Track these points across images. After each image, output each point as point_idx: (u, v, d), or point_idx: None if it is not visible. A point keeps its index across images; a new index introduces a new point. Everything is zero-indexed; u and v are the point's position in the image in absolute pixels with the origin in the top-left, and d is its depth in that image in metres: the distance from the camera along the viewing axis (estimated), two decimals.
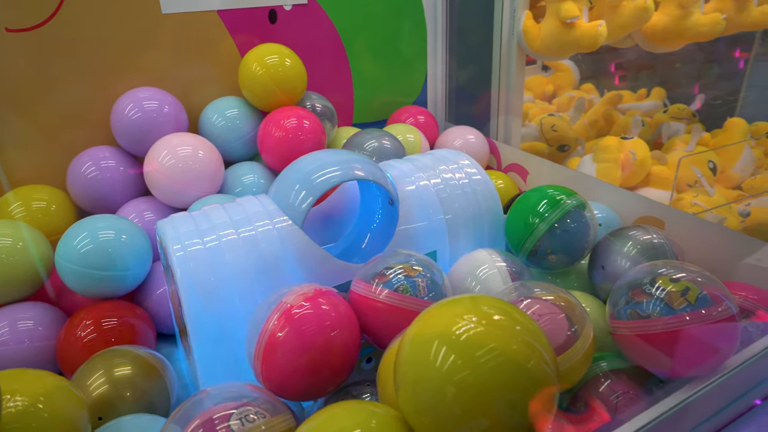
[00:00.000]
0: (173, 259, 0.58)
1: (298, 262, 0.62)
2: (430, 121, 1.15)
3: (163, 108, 0.88)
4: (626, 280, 0.56)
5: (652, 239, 0.66)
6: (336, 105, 1.09)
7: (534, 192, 0.71)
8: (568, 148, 1.39)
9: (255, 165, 0.94)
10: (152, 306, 0.76)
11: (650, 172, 1.22)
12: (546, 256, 0.69)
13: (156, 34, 0.92)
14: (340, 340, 0.52)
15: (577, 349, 0.51)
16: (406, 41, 1.19)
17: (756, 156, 1.23)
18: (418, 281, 0.57)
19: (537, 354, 0.37)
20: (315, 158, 0.68)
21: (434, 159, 0.78)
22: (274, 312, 0.52)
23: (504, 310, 0.39)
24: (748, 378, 0.52)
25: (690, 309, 0.50)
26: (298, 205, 0.64)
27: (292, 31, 1.05)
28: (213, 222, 0.62)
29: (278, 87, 0.93)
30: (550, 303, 0.54)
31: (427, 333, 0.38)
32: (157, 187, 0.84)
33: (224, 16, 0.98)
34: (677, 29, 1.12)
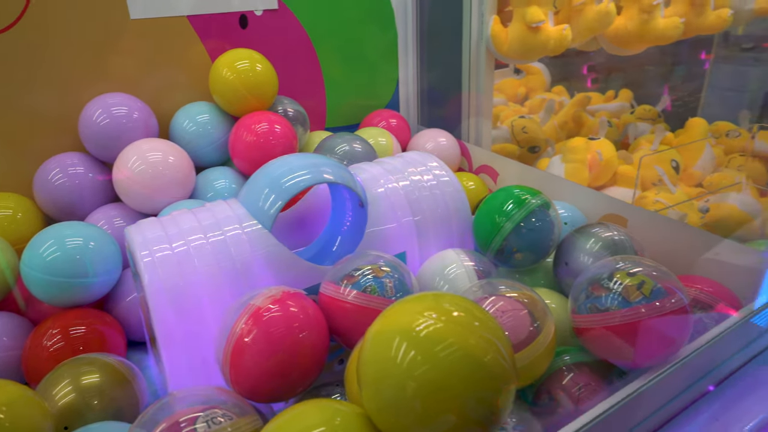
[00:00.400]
0: (141, 264, 0.58)
1: (267, 266, 0.63)
2: (402, 125, 1.17)
3: (133, 114, 0.88)
4: (586, 275, 0.58)
5: (613, 236, 0.68)
6: (308, 109, 1.10)
7: (500, 192, 0.73)
8: (538, 149, 1.42)
9: (226, 170, 0.94)
10: (122, 313, 0.75)
11: (617, 171, 1.25)
12: (512, 254, 0.70)
13: (124, 39, 0.92)
14: (308, 341, 0.53)
15: (539, 344, 0.53)
16: (377, 46, 1.21)
17: (716, 154, 1.28)
18: (386, 282, 0.58)
19: (494, 348, 0.38)
20: (284, 162, 0.68)
21: (403, 162, 0.79)
22: (242, 315, 0.52)
23: (464, 307, 0.40)
24: (701, 365, 0.54)
25: (645, 301, 0.52)
26: (267, 209, 0.64)
27: (264, 36, 1.05)
28: (181, 227, 0.62)
29: (249, 92, 0.93)
30: (513, 300, 0.55)
31: (389, 330, 0.39)
32: (127, 194, 0.84)
33: (194, 22, 0.98)
34: (639, 32, 1.16)
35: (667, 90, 1.90)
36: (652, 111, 1.63)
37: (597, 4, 1.12)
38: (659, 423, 0.52)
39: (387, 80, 1.25)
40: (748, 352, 0.59)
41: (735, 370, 0.58)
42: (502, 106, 1.84)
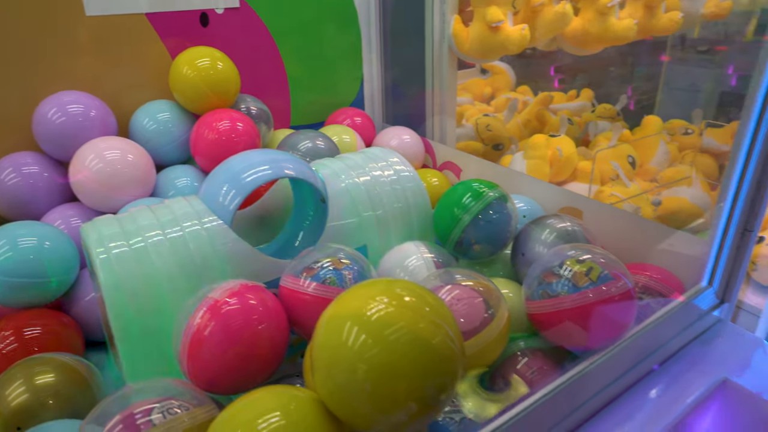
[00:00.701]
0: (96, 261, 0.57)
1: (228, 261, 0.63)
2: (366, 123, 1.18)
3: (89, 112, 0.86)
4: (539, 264, 0.60)
5: (567, 227, 0.71)
6: (272, 108, 1.10)
7: (459, 186, 0.75)
8: (502, 146, 1.45)
9: (188, 168, 0.94)
10: (81, 313, 0.74)
11: (577, 167, 1.29)
12: (471, 246, 0.72)
13: (80, 36, 0.90)
14: (267, 333, 0.54)
15: (493, 329, 0.54)
16: (340, 44, 1.21)
17: (670, 151, 1.33)
18: (345, 273, 0.59)
19: (443, 332, 0.39)
20: (244, 158, 0.68)
21: (365, 157, 0.80)
22: (199, 308, 0.52)
23: (416, 293, 0.42)
24: (646, 346, 0.57)
25: (592, 286, 0.54)
26: (227, 204, 0.64)
27: (225, 34, 1.05)
28: (139, 223, 0.62)
29: (210, 90, 0.93)
30: (469, 288, 0.57)
31: (341, 314, 0.40)
32: (85, 193, 0.82)
33: (153, 19, 0.97)
34: (595, 33, 1.20)
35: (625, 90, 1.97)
36: (612, 110, 1.68)
37: (555, 5, 1.15)
38: (607, 400, 0.55)
39: (351, 78, 1.26)
40: (691, 332, 0.62)
41: (678, 350, 0.61)
42: (468, 105, 1.87)
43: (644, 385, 0.56)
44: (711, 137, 1.31)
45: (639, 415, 0.52)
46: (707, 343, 0.62)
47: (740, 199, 0.60)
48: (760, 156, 0.59)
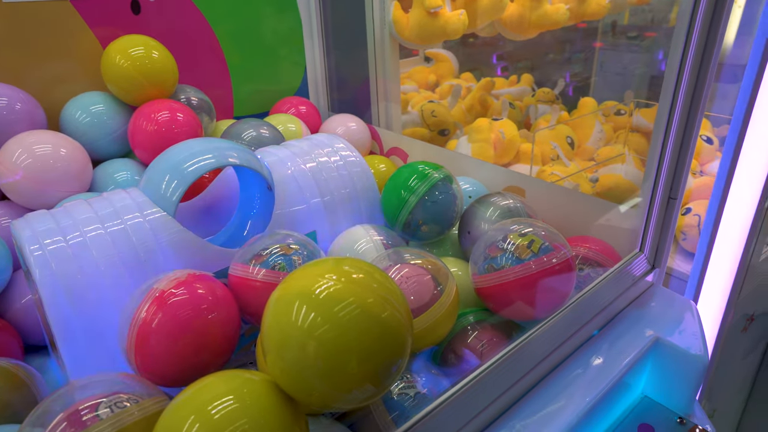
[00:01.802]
0: (30, 259, 0.55)
1: (173, 253, 0.61)
2: (311, 111, 1.17)
3: (14, 105, 0.81)
4: (484, 239, 0.62)
5: (509, 204, 0.73)
6: (214, 98, 1.07)
7: (404, 168, 0.76)
8: (447, 132, 1.48)
9: (127, 161, 0.90)
10: (17, 317, 0.70)
11: (519, 149, 1.33)
12: (419, 227, 0.73)
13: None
14: (217, 322, 0.53)
15: (442, 304, 0.56)
16: (281, 33, 1.20)
17: (605, 131, 1.39)
18: (295, 259, 0.59)
19: (391, 305, 0.40)
20: (186, 147, 0.67)
21: (310, 144, 0.80)
22: (145, 300, 0.51)
23: (363, 269, 0.42)
24: (585, 311, 0.60)
25: (534, 257, 0.57)
26: (170, 195, 0.63)
27: (159, 22, 1.01)
28: (75, 218, 0.59)
29: (146, 80, 0.89)
30: (417, 266, 0.58)
31: (289, 294, 0.40)
32: (14, 191, 0.78)
33: (79, 7, 0.92)
34: (529, 18, 1.24)
35: (568, 76, 2.05)
36: (550, 93, 1.74)
37: None
38: (552, 366, 0.58)
39: (294, 67, 1.25)
40: (626, 297, 0.66)
41: (615, 315, 0.65)
42: (413, 93, 1.89)
43: (586, 349, 0.59)
44: (641, 116, 1.39)
45: (582, 378, 0.55)
46: (641, 307, 0.66)
47: (663, 170, 0.64)
48: (678, 130, 0.63)
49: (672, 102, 0.62)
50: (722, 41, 0.62)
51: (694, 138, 0.64)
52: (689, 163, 0.64)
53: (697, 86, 0.62)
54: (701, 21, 0.59)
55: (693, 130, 0.63)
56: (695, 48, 0.60)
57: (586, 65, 2.09)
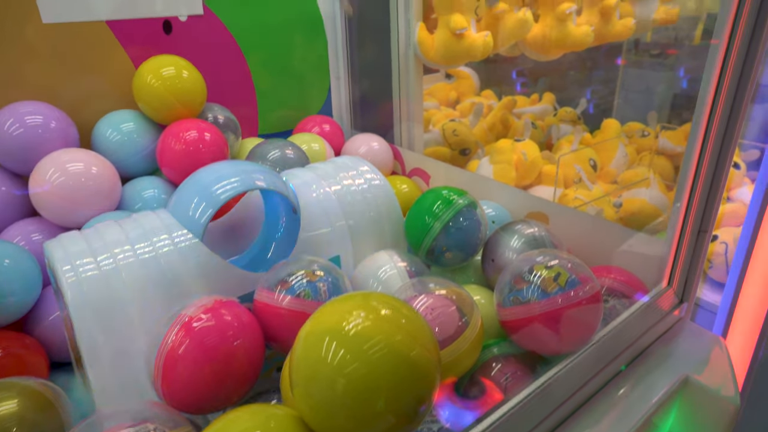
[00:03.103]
0: (63, 281, 0.56)
1: (200, 276, 0.62)
2: (335, 130, 1.18)
3: (50, 123, 0.83)
4: (509, 270, 0.62)
5: (534, 233, 0.73)
6: (240, 116, 1.08)
7: (429, 194, 0.76)
8: (468, 151, 1.47)
9: (155, 179, 0.92)
10: (44, 333, 0.72)
11: (541, 170, 1.32)
12: (443, 253, 0.73)
13: (37, 44, 0.87)
14: (243, 349, 0.53)
15: (467, 337, 0.56)
16: (307, 52, 1.21)
17: (629, 153, 1.38)
18: (320, 285, 0.59)
19: (420, 343, 0.40)
20: (214, 170, 0.68)
21: (335, 167, 0.80)
22: (173, 326, 0.52)
23: (391, 305, 0.42)
24: (612, 347, 0.59)
25: (561, 291, 0.56)
26: (198, 217, 0.64)
27: (190, 42, 1.03)
28: (106, 240, 0.60)
29: (176, 99, 0.91)
30: (442, 297, 0.58)
31: (319, 330, 0.40)
32: (46, 207, 0.80)
33: (114, 27, 0.94)
34: (554, 39, 1.23)
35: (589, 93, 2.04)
36: (572, 113, 1.74)
37: (516, 12, 1.18)
38: (578, 403, 0.57)
39: (319, 86, 1.26)
40: (654, 332, 0.65)
41: (643, 350, 0.63)
42: (434, 110, 1.90)
43: (613, 386, 0.58)
44: (666, 138, 1.37)
45: (608, 417, 0.54)
46: (669, 343, 0.65)
47: (694, 202, 0.63)
48: (711, 160, 0.62)
49: (707, 127, 0.60)
50: (763, 59, 0.60)
51: (727, 167, 0.63)
52: (721, 195, 0.63)
53: (733, 109, 0.60)
54: (741, 36, 0.56)
55: (726, 159, 0.62)
56: (733, 66, 0.58)
57: (608, 84, 2.07)
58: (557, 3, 1.22)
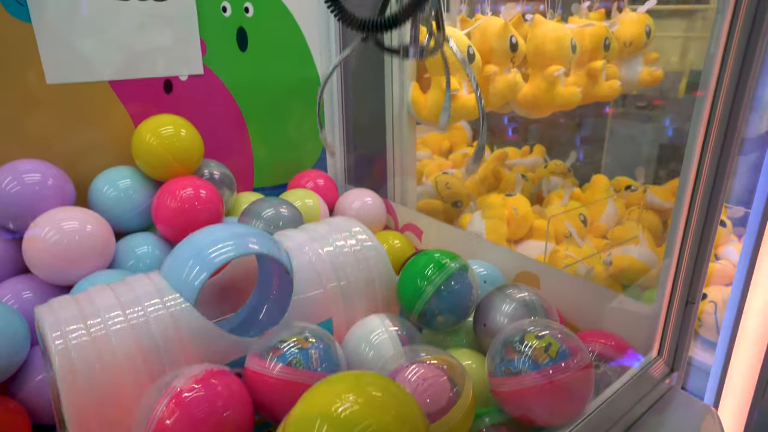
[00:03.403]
0: (52, 348, 0.55)
1: (191, 342, 0.62)
2: (329, 185, 1.20)
3: (47, 180, 0.85)
4: (500, 338, 0.62)
5: (524, 297, 0.73)
6: (235, 170, 1.10)
7: (421, 256, 0.77)
8: (461, 204, 1.50)
9: (149, 236, 0.92)
10: (29, 396, 0.70)
11: (532, 225, 1.34)
12: (435, 317, 0.73)
13: (39, 103, 0.89)
14: (232, 419, 0.53)
15: (460, 407, 0.55)
16: (303, 109, 1.25)
17: (618, 207, 1.40)
18: (312, 353, 0.59)
19: (409, 423, 0.40)
20: (209, 233, 0.69)
21: (328, 228, 0.81)
22: (162, 398, 0.51)
23: (381, 386, 0.42)
24: (605, 418, 0.59)
25: (552, 363, 0.56)
26: (192, 281, 0.64)
27: (189, 100, 1.06)
28: (97, 305, 0.60)
29: (173, 157, 0.93)
30: (434, 366, 0.58)
31: (309, 414, 0.40)
32: (39, 266, 0.80)
33: (116, 87, 0.97)
34: (543, 99, 1.28)
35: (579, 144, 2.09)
36: (562, 166, 1.77)
37: (506, 74, 1.23)
38: None
39: (314, 141, 1.29)
40: (645, 402, 0.65)
41: (635, 421, 0.63)
42: (427, 160, 1.93)
43: None
44: (653, 194, 1.40)
45: None
46: (661, 412, 0.65)
47: (681, 270, 0.64)
48: (699, 218, 0.63)
49: (694, 183, 0.61)
50: (750, 109, 0.61)
51: (712, 238, 0.64)
52: (706, 269, 0.64)
53: (720, 162, 0.61)
54: (726, 87, 0.58)
55: (711, 231, 0.63)
56: (719, 117, 0.59)
57: (596, 134, 2.13)
58: (546, 65, 1.27)
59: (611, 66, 1.42)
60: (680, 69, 1.94)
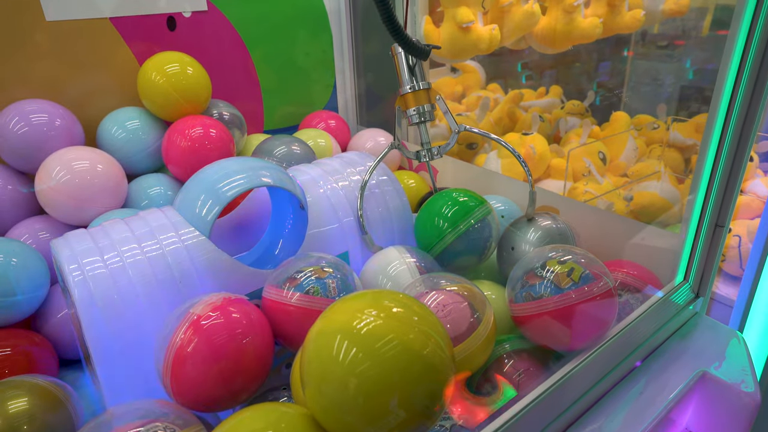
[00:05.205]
0: (70, 280, 0.55)
1: (207, 274, 0.61)
2: (341, 126, 1.17)
3: (54, 121, 0.83)
4: (521, 266, 0.61)
5: (554, 224, 0.71)
6: (245, 112, 1.08)
7: (443, 196, 0.74)
8: (476, 145, 1.46)
9: (161, 177, 0.91)
10: (53, 331, 0.72)
11: (550, 164, 1.31)
12: (455, 258, 0.72)
13: (41, 42, 0.87)
14: (252, 347, 0.53)
15: (480, 334, 0.55)
16: (312, 47, 1.20)
17: (638, 145, 1.36)
18: (329, 282, 0.58)
19: (433, 341, 0.39)
20: (220, 167, 0.67)
21: (342, 162, 0.79)
22: (181, 324, 0.51)
23: (403, 303, 0.41)
24: (627, 343, 0.58)
25: (575, 287, 0.55)
26: (205, 215, 0.63)
27: (194, 38, 1.02)
28: (113, 238, 0.60)
29: (181, 96, 0.91)
30: (453, 293, 0.57)
31: (330, 329, 0.39)
32: (53, 206, 0.79)
33: (118, 24, 0.93)
34: (562, 32, 1.22)
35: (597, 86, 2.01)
36: (580, 106, 1.72)
37: (523, 5, 1.16)
38: (593, 400, 0.56)
39: (324, 81, 1.25)
40: (669, 327, 0.64)
41: (658, 345, 0.62)
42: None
43: (628, 382, 0.57)
44: (676, 131, 1.35)
45: (624, 412, 0.53)
46: (685, 337, 0.64)
47: (711, 196, 0.62)
48: (729, 152, 0.60)
49: (725, 121, 0.58)
50: None
51: (745, 161, 0.61)
52: (738, 189, 0.61)
53: (752, 101, 0.58)
54: (764, 26, 0.54)
55: (745, 152, 0.60)
56: (755, 54, 0.56)
57: (615, 76, 2.05)
58: None
59: None
60: (705, 4, 1.83)
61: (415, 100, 0.76)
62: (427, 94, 0.76)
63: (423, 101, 0.75)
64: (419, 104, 0.75)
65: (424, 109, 0.76)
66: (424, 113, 0.76)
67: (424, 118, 0.76)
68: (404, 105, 0.77)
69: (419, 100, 0.75)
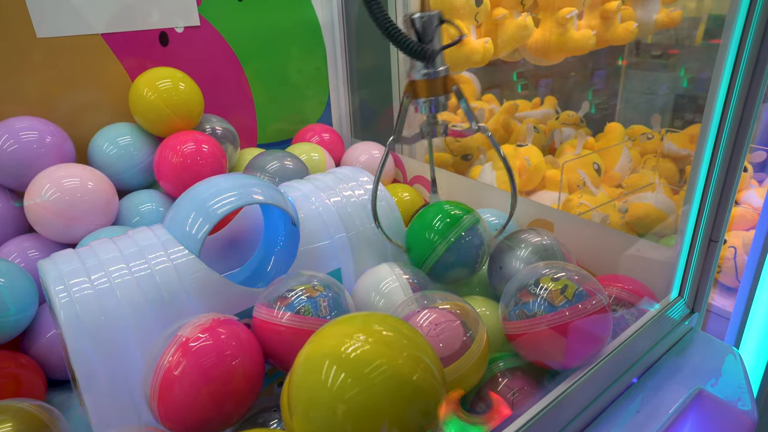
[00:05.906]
0: (56, 302, 0.54)
1: (197, 294, 0.61)
2: (335, 139, 1.17)
3: (45, 138, 0.82)
4: (514, 282, 0.60)
5: (542, 241, 0.71)
6: (238, 127, 1.07)
7: (432, 209, 0.74)
8: (471, 157, 1.46)
9: (152, 193, 0.91)
10: (41, 352, 0.70)
11: (545, 176, 1.30)
12: (446, 271, 0.71)
13: (31, 59, 0.86)
14: (241, 368, 0.52)
15: (473, 352, 0.54)
16: (305, 61, 1.20)
17: (633, 156, 1.36)
18: (320, 301, 0.57)
19: (422, 365, 0.39)
20: (211, 184, 0.66)
21: (335, 178, 0.79)
22: (169, 347, 0.50)
23: (392, 326, 0.41)
24: (623, 360, 0.57)
25: (569, 304, 0.54)
26: (195, 233, 0.62)
27: (186, 53, 1.02)
28: (101, 258, 0.59)
29: (173, 112, 0.90)
30: (446, 311, 0.56)
31: (318, 354, 0.39)
32: (42, 224, 0.78)
33: (110, 40, 0.93)
34: (556, 44, 1.22)
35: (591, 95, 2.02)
36: (575, 116, 1.72)
37: (516, 18, 1.17)
38: (590, 418, 0.55)
39: (318, 95, 1.25)
40: (665, 343, 0.63)
41: (654, 362, 0.62)
42: None
43: (624, 400, 0.56)
44: (671, 142, 1.35)
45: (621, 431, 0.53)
46: (681, 354, 0.63)
47: (705, 208, 0.61)
48: (722, 163, 0.60)
49: (717, 130, 0.58)
50: None
51: (739, 172, 0.61)
52: (732, 202, 0.61)
53: (745, 110, 0.58)
54: (754, 34, 0.54)
55: (739, 160, 0.60)
56: (747, 63, 0.56)
57: (610, 86, 2.06)
58: (558, 7, 1.20)
59: (627, 7, 1.35)
60: (697, 14, 1.84)
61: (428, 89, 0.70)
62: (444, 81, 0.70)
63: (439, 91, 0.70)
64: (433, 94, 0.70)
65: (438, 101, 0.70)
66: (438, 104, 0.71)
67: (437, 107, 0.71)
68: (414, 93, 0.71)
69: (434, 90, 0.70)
